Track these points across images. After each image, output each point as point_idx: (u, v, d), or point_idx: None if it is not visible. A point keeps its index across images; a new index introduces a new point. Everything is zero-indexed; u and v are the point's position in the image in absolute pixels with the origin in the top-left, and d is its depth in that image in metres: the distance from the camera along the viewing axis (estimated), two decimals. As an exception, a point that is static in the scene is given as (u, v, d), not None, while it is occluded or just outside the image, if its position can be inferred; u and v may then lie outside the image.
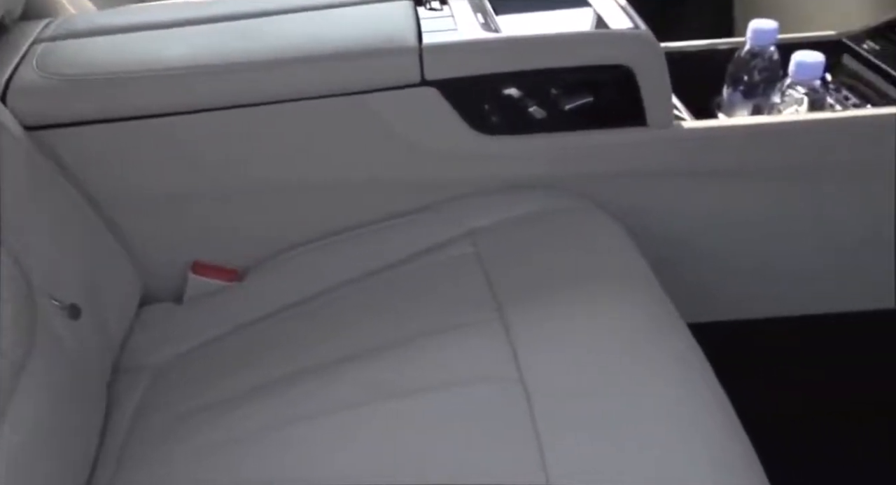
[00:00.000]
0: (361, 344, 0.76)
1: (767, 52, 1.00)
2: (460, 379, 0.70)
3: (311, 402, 0.71)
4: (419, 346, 0.75)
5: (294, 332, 0.81)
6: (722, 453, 0.63)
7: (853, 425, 1.05)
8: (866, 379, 1.05)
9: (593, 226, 0.87)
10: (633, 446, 0.62)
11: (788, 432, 0.99)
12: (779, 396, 1.01)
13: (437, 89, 0.86)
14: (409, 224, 0.90)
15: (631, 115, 0.90)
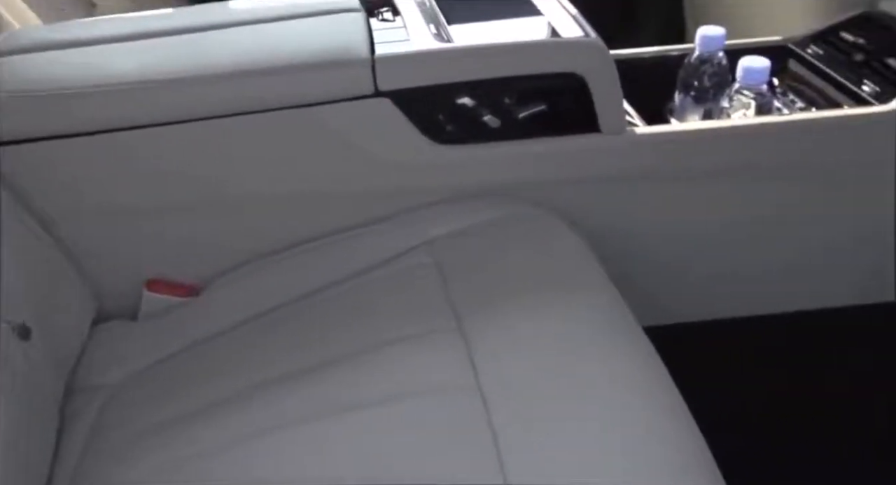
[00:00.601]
0: (320, 356, 0.76)
1: (716, 58, 1.02)
2: (418, 389, 0.70)
3: (271, 416, 0.71)
4: (377, 357, 0.74)
5: (252, 346, 0.81)
6: (678, 456, 0.64)
7: (812, 425, 1.07)
8: (825, 378, 1.07)
9: (549, 233, 0.88)
10: (590, 451, 0.63)
11: (746, 434, 1.01)
12: (736, 398, 1.03)
13: (390, 100, 0.86)
14: (366, 235, 0.90)
15: (584, 122, 0.91)
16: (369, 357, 0.75)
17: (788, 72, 1.09)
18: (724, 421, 0.94)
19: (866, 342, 1.06)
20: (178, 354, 0.82)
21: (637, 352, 0.74)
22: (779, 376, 1.07)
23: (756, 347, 1.04)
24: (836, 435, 1.07)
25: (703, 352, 1.01)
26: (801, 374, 1.07)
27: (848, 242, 0.99)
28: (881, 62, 0.98)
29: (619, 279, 0.84)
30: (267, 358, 0.78)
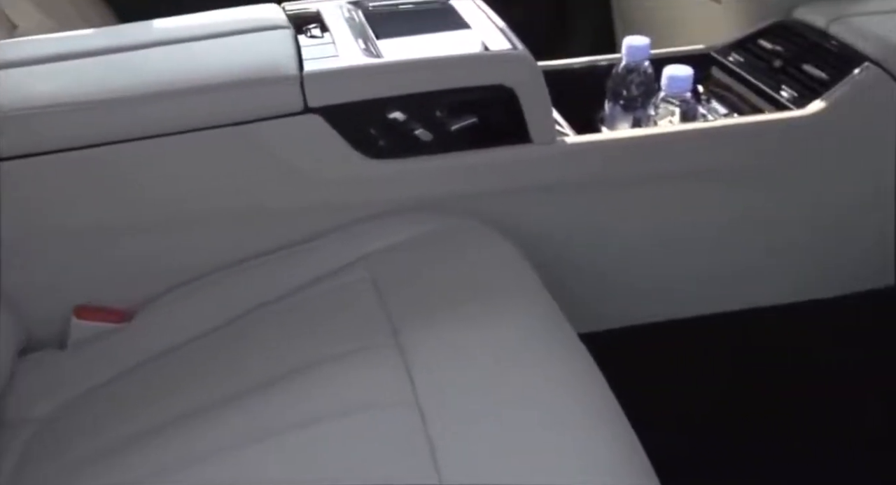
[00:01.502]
0: (256, 378, 0.75)
1: (642, 67, 1.04)
2: (356, 406, 0.69)
3: (206, 441, 0.69)
4: (314, 376, 0.74)
5: (185, 371, 0.79)
6: (615, 462, 0.65)
7: (752, 424, 1.10)
8: (766, 377, 1.10)
9: (484, 244, 0.89)
10: (529, 460, 0.63)
11: (685, 435, 1.04)
12: (672, 401, 1.05)
13: (321, 116, 0.86)
14: (300, 253, 0.89)
15: (515, 133, 0.92)
16: (306, 376, 0.74)
17: (712, 79, 1.12)
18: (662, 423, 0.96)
19: (806, 339, 1.09)
20: (109, 382, 0.80)
21: (572, 358, 0.75)
22: (716, 376, 1.09)
23: (692, 349, 1.06)
24: (774, 433, 1.10)
25: (639, 356, 1.03)
26: (738, 374, 1.10)
27: (775, 242, 1.02)
28: (797, 68, 1.02)
29: (555, 287, 0.85)
30: (201, 384, 0.77)
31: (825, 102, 0.95)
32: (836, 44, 1.01)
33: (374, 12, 1.02)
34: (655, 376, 1.08)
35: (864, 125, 0.96)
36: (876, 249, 1.04)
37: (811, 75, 1.00)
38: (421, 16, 1.02)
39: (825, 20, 1.04)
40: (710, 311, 1.03)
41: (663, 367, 1.08)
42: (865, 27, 1.01)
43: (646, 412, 0.91)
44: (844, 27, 1.02)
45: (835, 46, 1.01)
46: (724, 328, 1.06)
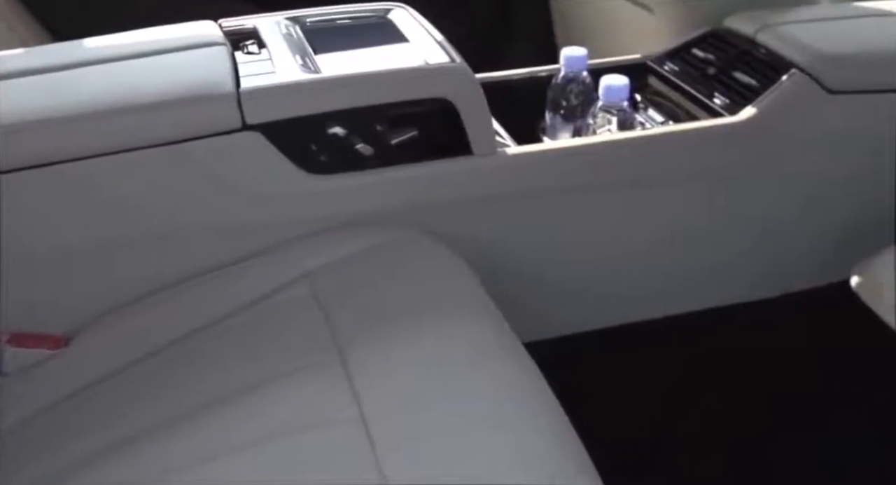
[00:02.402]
0: (199, 401, 0.73)
1: (580, 78, 1.06)
2: (302, 426, 0.69)
3: (148, 466, 0.68)
4: (258, 396, 0.73)
5: (126, 396, 0.77)
6: (561, 466, 0.65)
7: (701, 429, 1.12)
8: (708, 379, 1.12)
9: (429, 256, 0.89)
10: (476, 474, 0.63)
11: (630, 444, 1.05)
12: (619, 407, 1.06)
13: (260, 133, 0.86)
14: (243, 271, 0.88)
15: (456, 146, 0.92)
16: (250, 397, 0.73)
17: (649, 87, 1.14)
18: (610, 430, 0.98)
19: (752, 338, 1.12)
20: (47, 409, 0.77)
21: (517, 368, 0.75)
22: (665, 379, 1.11)
23: (640, 353, 1.08)
24: (728, 432, 1.12)
25: (588, 362, 1.04)
26: (687, 376, 1.12)
27: (714, 245, 1.05)
28: (729, 76, 1.05)
29: (501, 297, 0.85)
30: (142, 408, 0.75)
31: (756, 109, 0.98)
32: (764, 51, 1.05)
33: (312, 27, 1.02)
34: (606, 382, 1.09)
35: (793, 130, 0.99)
36: (813, 248, 1.07)
37: (742, 82, 1.03)
38: (360, 30, 1.02)
39: (753, 29, 1.08)
40: (656, 315, 1.05)
41: (613, 372, 1.09)
42: (791, 35, 1.04)
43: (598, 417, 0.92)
44: (772, 35, 1.05)
45: (763, 54, 1.04)
46: (671, 332, 1.08)
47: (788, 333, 1.10)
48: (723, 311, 1.07)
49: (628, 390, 1.10)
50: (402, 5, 1.07)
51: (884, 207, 1.07)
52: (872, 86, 0.99)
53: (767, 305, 1.07)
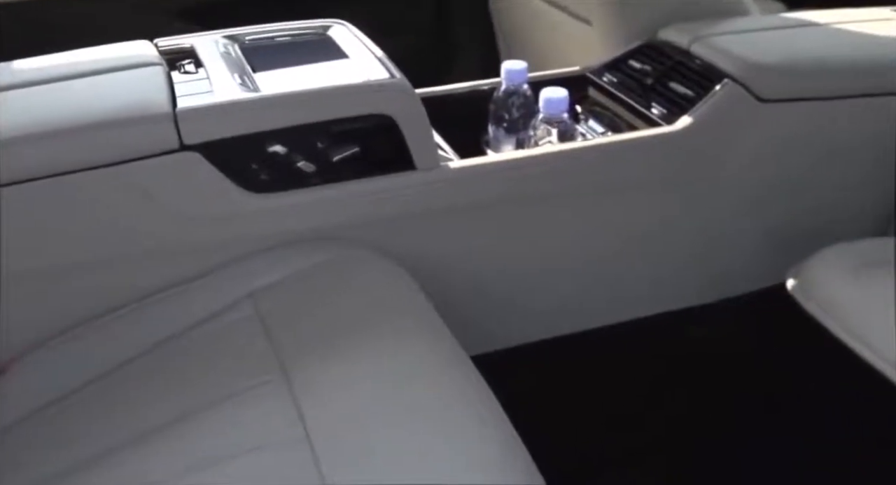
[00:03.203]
0: (139, 427, 0.72)
1: (521, 90, 1.07)
2: (247, 447, 0.68)
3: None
4: (203, 419, 0.72)
5: (66, 424, 0.76)
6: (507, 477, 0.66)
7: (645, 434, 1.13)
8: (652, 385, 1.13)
9: (374, 272, 0.89)
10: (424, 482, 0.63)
11: (579, 452, 1.06)
12: (569, 415, 1.07)
13: (198, 153, 0.85)
14: (185, 293, 0.87)
15: (399, 161, 0.93)
16: (195, 420, 0.72)
17: (589, 99, 1.16)
18: (559, 438, 0.98)
19: (696, 343, 1.14)
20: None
21: (464, 381, 0.75)
22: (616, 387, 1.13)
23: (586, 362, 1.09)
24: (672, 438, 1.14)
25: (536, 372, 1.05)
26: (632, 383, 1.13)
27: (656, 253, 1.06)
28: (665, 86, 1.07)
29: (448, 310, 0.86)
30: (84, 436, 0.73)
31: (691, 118, 1.00)
32: (698, 62, 1.07)
33: (250, 46, 1.02)
34: (554, 391, 1.10)
35: (727, 137, 1.02)
36: (752, 253, 1.10)
37: (678, 92, 1.05)
38: (299, 48, 1.02)
39: (687, 40, 1.10)
40: (601, 324, 1.06)
41: (561, 381, 1.10)
42: (723, 46, 1.07)
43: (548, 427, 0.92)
44: (705, 46, 1.08)
45: (697, 65, 1.07)
46: (617, 339, 1.09)
47: (730, 337, 1.12)
48: (666, 317, 1.08)
49: (578, 399, 1.11)
50: (342, 22, 1.07)
51: (819, 210, 1.10)
52: (802, 94, 1.02)
53: (710, 310, 1.09)
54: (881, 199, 1.12)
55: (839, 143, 1.07)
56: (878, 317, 0.85)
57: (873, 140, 1.08)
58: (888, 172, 1.10)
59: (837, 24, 1.15)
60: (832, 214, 1.11)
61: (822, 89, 1.03)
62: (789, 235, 1.07)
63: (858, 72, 1.05)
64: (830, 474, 1.05)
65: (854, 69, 1.05)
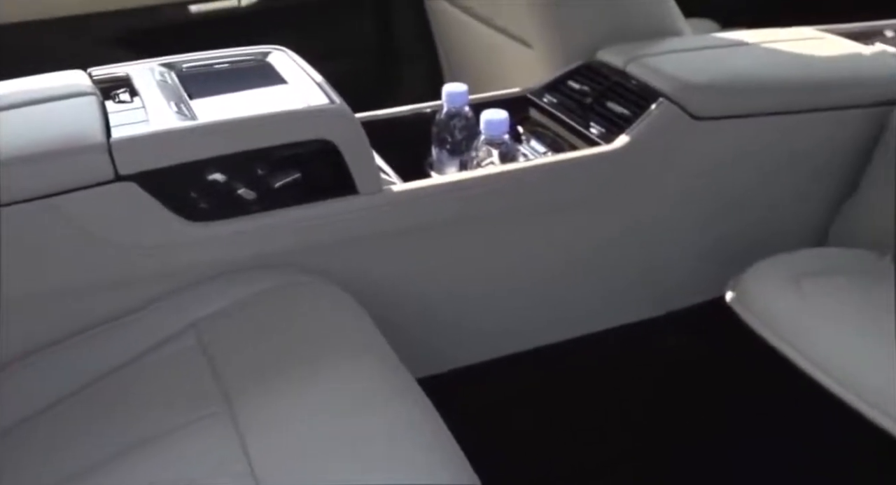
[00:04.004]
0: (82, 463, 0.70)
1: (463, 113, 1.08)
2: (191, 481, 0.67)
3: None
4: (146, 453, 0.70)
5: (8, 459, 0.73)
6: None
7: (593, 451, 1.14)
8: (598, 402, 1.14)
9: (319, 298, 0.88)
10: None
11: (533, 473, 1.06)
12: (521, 436, 1.08)
13: (135, 183, 0.84)
14: (126, 326, 0.85)
15: (341, 186, 0.92)
16: (138, 454, 0.71)
17: (530, 119, 1.18)
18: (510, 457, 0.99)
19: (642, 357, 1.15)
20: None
21: (411, 407, 0.75)
22: (566, 404, 1.13)
23: (534, 381, 1.09)
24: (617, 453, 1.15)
25: (482, 394, 1.05)
26: (578, 399, 1.14)
27: (600, 269, 1.08)
28: (603, 106, 1.09)
29: (396, 334, 0.85)
30: (22, 474, 0.71)
31: (628, 137, 1.02)
32: (634, 82, 1.10)
33: (188, 73, 1.01)
34: (506, 410, 1.10)
35: (664, 155, 1.04)
36: (693, 267, 1.12)
37: (615, 112, 1.07)
38: (238, 74, 1.01)
39: (623, 61, 1.13)
40: (548, 341, 1.07)
41: (512, 400, 1.10)
42: (658, 66, 1.09)
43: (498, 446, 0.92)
44: (640, 67, 1.10)
45: (634, 85, 1.09)
46: (566, 356, 1.10)
47: (677, 348, 1.14)
48: (614, 332, 1.10)
49: (530, 416, 1.12)
50: (282, 48, 1.07)
51: (757, 224, 1.13)
52: (734, 111, 1.05)
53: (656, 324, 1.11)
54: (816, 211, 1.15)
55: (774, 158, 1.10)
56: (811, 326, 0.88)
57: (805, 154, 1.11)
58: (822, 184, 1.14)
59: (767, 43, 1.19)
60: (771, 227, 1.14)
61: (753, 107, 1.06)
62: (730, 248, 1.10)
63: (787, 89, 1.08)
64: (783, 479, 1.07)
65: (783, 87, 1.08)
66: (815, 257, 1.01)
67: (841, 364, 0.82)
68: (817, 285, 0.90)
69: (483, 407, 1.07)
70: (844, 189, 1.13)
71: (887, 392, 0.79)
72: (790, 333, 0.85)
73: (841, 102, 1.08)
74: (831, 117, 1.08)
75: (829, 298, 0.90)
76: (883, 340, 0.83)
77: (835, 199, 1.14)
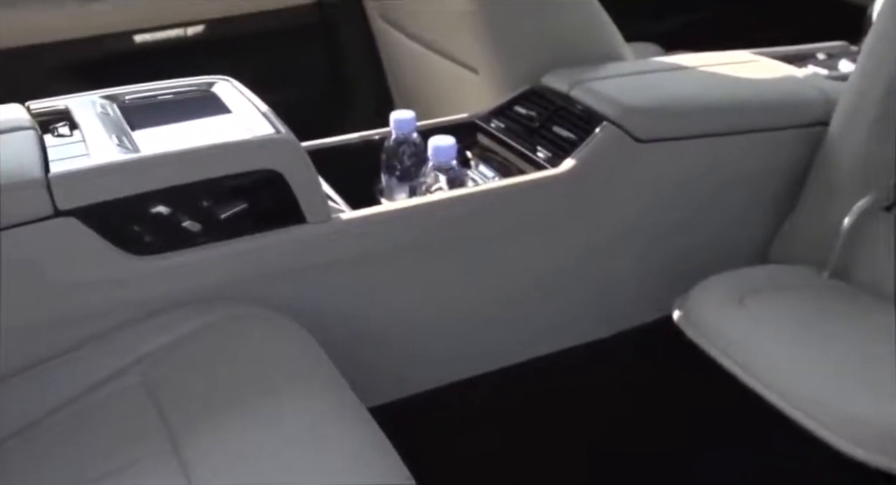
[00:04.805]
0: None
1: (411, 139, 1.09)
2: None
3: None
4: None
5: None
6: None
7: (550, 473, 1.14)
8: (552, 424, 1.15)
9: (268, 330, 0.87)
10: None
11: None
12: (478, 461, 1.07)
13: (75, 218, 0.82)
14: (69, 363, 0.83)
15: (289, 215, 0.92)
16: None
17: (478, 144, 1.19)
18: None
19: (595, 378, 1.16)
20: None
21: (363, 438, 0.74)
22: (521, 428, 1.13)
23: (493, 404, 1.10)
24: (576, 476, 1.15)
25: (443, 419, 1.04)
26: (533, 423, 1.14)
27: (551, 292, 1.09)
28: (549, 130, 1.11)
29: (349, 362, 0.85)
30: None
31: (574, 160, 1.04)
32: (579, 107, 1.12)
33: (130, 105, 1.00)
34: (461, 435, 1.10)
35: (609, 178, 1.06)
36: (641, 287, 1.14)
37: (561, 136, 1.09)
38: (182, 105, 1.00)
39: (568, 85, 1.15)
40: (501, 365, 1.07)
41: (468, 425, 1.10)
42: (601, 90, 1.11)
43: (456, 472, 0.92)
44: (584, 91, 1.12)
45: (578, 109, 1.11)
46: (518, 379, 1.10)
47: (628, 367, 1.15)
48: (565, 354, 1.11)
49: (486, 440, 1.11)
50: (227, 78, 1.07)
51: (703, 243, 1.15)
52: (675, 133, 1.08)
53: (606, 345, 1.12)
54: (760, 228, 1.18)
55: (716, 178, 1.12)
56: (753, 342, 0.89)
57: (746, 174, 1.14)
58: (763, 202, 1.17)
59: (705, 66, 1.22)
60: (717, 245, 1.16)
61: (693, 129, 1.08)
62: (679, 267, 1.12)
63: (725, 112, 1.11)
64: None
65: (721, 109, 1.11)
66: (758, 274, 1.03)
67: (782, 379, 0.84)
68: (759, 302, 0.92)
69: (439, 432, 1.07)
70: (785, 207, 1.16)
71: (825, 405, 0.81)
72: (734, 350, 0.87)
73: (777, 123, 1.12)
74: (768, 138, 1.12)
75: (771, 313, 0.92)
76: (820, 354, 0.85)
77: (776, 216, 1.17)
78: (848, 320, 0.92)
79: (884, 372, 0.82)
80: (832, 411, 0.81)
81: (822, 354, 0.88)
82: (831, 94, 1.13)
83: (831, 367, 0.86)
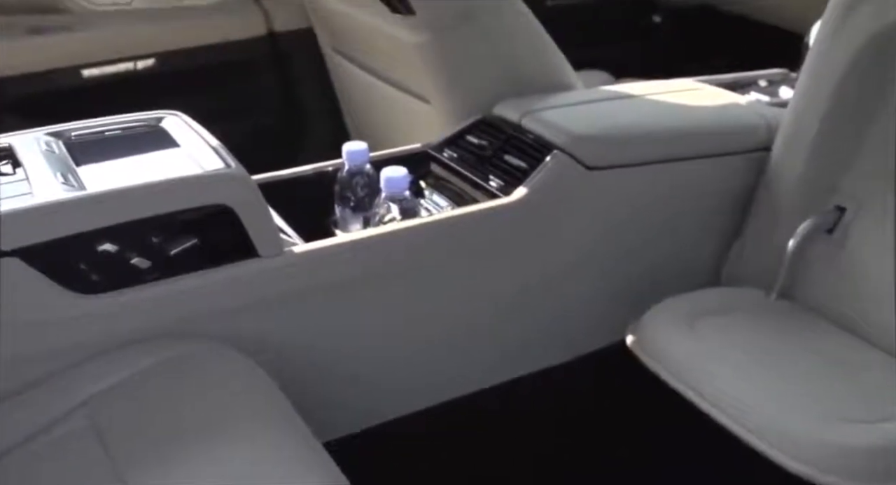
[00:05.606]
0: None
1: (364, 170, 1.09)
2: None
3: None
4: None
5: None
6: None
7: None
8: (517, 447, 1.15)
9: (219, 366, 0.86)
10: None
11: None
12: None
13: (19, 258, 0.80)
14: (14, 406, 0.81)
15: (240, 249, 0.91)
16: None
17: (432, 174, 1.20)
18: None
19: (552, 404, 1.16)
20: None
21: (318, 473, 0.73)
22: (485, 453, 1.13)
23: (453, 432, 1.09)
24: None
25: (403, 449, 1.04)
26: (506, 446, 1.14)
27: (508, 318, 1.09)
28: (501, 159, 1.12)
29: (305, 396, 0.84)
30: None
31: (526, 188, 1.05)
32: (530, 136, 1.13)
33: (76, 141, 0.98)
34: (423, 466, 1.09)
35: (560, 205, 1.07)
36: (594, 312, 1.15)
37: (513, 165, 1.10)
38: (130, 141, 0.99)
39: (518, 115, 1.16)
40: (463, 393, 1.07)
41: (429, 454, 1.09)
42: (552, 119, 1.13)
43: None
44: (534, 121, 1.14)
45: (529, 138, 1.13)
46: (479, 406, 1.10)
47: (583, 392, 1.16)
48: (523, 380, 1.11)
49: (448, 470, 1.11)
50: (176, 112, 1.06)
51: (656, 268, 1.17)
52: (624, 160, 1.10)
53: (564, 369, 1.13)
54: (711, 252, 1.21)
55: (666, 203, 1.14)
56: (703, 364, 0.91)
57: (694, 199, 1.17)
58: (713, 226, 1.20)
59: (652, 94, 1.25)
60: (670, 269, 1.18)
61: (641, 156, 1.10)
62: (634, 292, 1.13)
63: (671, 138, 1.14)
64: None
65: (667, 136, 1.14)
66: (708, 297, 1.05)
67: (731, 400, 0.85)
68: (709, 324, 0.93)
69: (397, 464, 1.06)
70: (733, 230, 1.19)
71: (772, 425, 0.82)
72: (685, 373, 0.88)
73: (722, 149, 1.15)
74: (715, 163, 1.14)
75: (720, 336, 0.93)
76: (766, 375, 0.87)
77: (726, 239, 1.20)
78: (793, 340, 0.94)
79: (829, 391, 0.84)
80: (780, 432, 0.82)
81: (767, 375, 0.90)
82: (773, 121, 1.16)
83: (776, 388, 0.88)
